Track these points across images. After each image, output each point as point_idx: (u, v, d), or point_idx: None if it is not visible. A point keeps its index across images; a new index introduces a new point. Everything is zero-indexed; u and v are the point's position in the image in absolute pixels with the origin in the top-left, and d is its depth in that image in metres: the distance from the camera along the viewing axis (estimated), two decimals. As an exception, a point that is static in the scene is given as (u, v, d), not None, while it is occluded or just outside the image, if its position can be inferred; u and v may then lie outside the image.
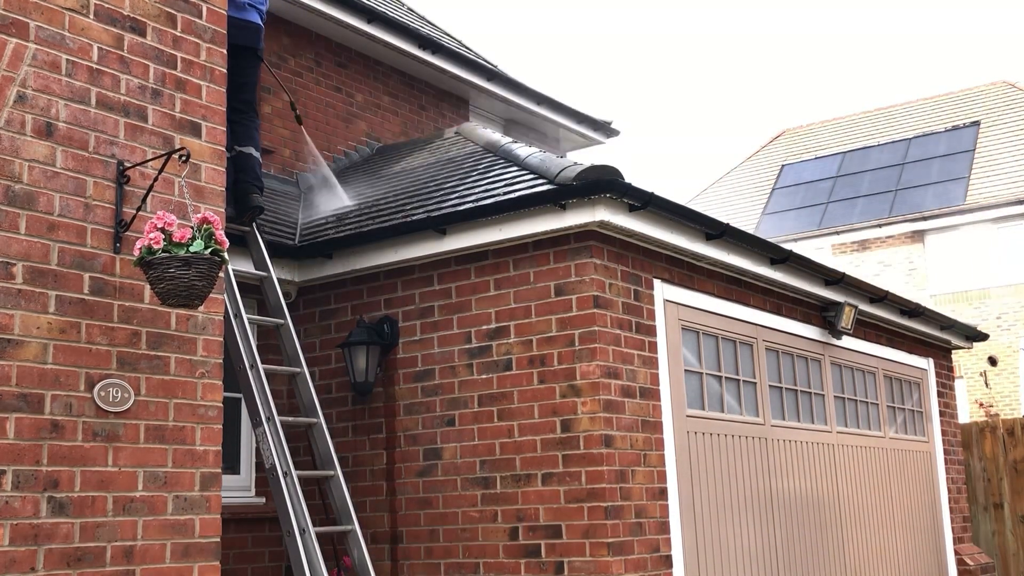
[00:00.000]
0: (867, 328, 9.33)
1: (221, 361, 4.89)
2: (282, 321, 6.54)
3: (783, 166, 24.67)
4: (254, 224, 6.72)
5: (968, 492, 11.85)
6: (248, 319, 6.19)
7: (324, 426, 6.36)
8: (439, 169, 7.96)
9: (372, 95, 10.07)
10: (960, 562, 10.45)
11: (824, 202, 22.32)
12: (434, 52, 10.26)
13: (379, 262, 6.87)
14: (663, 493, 6.35)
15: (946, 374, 11.13)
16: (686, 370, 6.83)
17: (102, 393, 4.36)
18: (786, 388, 7.99)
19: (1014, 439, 12.31)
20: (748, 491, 7.22)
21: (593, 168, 6.04)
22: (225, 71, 5.14)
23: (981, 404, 19.27)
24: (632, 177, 6.04)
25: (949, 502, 10.57)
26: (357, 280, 7.07)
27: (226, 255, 4.31)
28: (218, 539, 4.71)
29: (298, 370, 6.45)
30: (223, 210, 4.99)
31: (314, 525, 5.86)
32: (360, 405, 6.99)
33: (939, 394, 10.85)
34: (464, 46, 12.25)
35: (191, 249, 4.16)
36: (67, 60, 4.46)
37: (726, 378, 7.27)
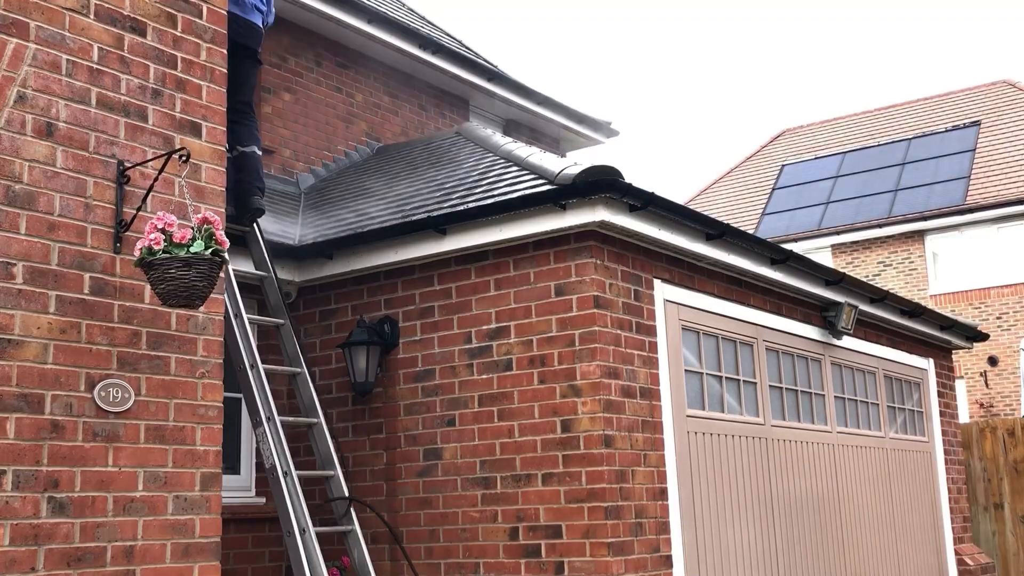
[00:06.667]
0: (867, 328, 9.33)
1: (221, 361, 4.89)
2: (282, 321, 6.54)
3: (783, 166, 24.65)
4: (255, 224, 6.71)
5: (968, 492, 11.84)
6: (248, 319, 6.18)
7: (324, 426, 6.36)
8: (439, 169, 7.96)
9: (372, 95, 10.07)
10: (960, 562, 10.45)
11: (824, 202, 22.30)
12: (434, 52, 10.25)
13: (379, 262, 6.87)
14: (663, 493, 6.35)
15: (946, 374, 11.12)
16: (686, 370, 6.83)
17: (102, 393, 4.36)
18: (786, 388, 7.99)
19: (1014, 439, 12.31)
20: (748, 491, 7.22)
21: (593, 168, 6.04)
22: (225, 71, 5.14)
23: (981, 404, 19.26)
24: (632, 177, 6.04)
25: (949, 502, 10.56)
26: (357, 280, 7.07)
27: (226, 255, 4.31)
28: (218, 539, 4.71)
29: (298, 370, 6.45)
30: (223, 210, 4.99)
31: (314, 525, 5.86)
32: (360, 405, 6.99)
33: (939, 394, 10.85)
34: (464, 46, 12.25)
35: (191, 250, 4.15)
36: (67, 60, 4.46)
37: (726, 378, 7.27)
